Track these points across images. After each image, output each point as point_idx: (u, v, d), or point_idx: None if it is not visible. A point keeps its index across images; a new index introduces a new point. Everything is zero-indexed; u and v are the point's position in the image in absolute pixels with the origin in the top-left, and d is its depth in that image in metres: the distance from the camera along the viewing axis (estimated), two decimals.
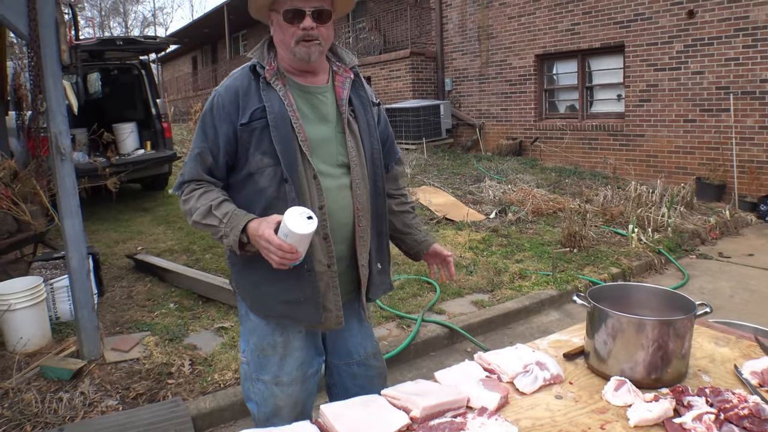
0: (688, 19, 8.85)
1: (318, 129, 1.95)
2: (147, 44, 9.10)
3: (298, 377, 2.09)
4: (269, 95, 1.89)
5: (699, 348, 2.06)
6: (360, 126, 2.01)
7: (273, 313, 2.03)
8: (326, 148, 1.95)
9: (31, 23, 3.59)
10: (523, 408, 1.75)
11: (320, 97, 1.97)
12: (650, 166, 9.65)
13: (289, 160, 1.86)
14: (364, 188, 2.00)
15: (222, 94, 1.93)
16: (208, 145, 1.93)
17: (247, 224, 1.81)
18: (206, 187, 1.95)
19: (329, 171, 1.95)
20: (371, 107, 2.07)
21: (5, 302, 4.02)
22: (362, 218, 2.00)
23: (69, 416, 3.36)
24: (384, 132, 2.19)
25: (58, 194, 3.83)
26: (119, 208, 8.89)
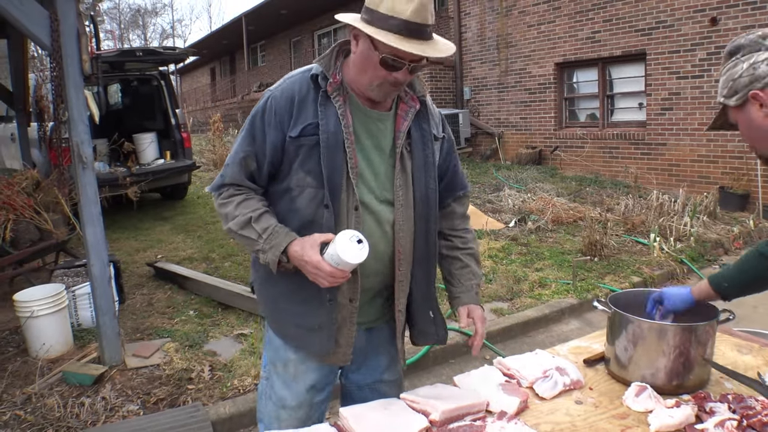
0: (711, 27, 8.77)
1: (370, 157, 1.81)
2: (166, 55, 9.21)
3: (305, 401, 1.96)
4: (327, 111, 1.75)
5: (722, 356, 2.04)
6: (415, 162, 1.85)
7: (287, 334, 1.94)
8: (374, 180, 1.82)
9: (53, 34, 3.66)
10: (543, 413, 1.75)
11: (379, 124, 1.82)
12: (672, 175, 9.56)
13: (334, 185, 1.74)
14: (409, 230, 1.86)
15: (277, 98, 1.78)
16: (254, 149, 1.80)
17: (289, 245, 1.71)
18: (247, 194, 1.83)
19: (373, 204, 1.81)
20: (432, 142, 1.89)
21: (28, 309, 4.08)
22: (403, 261, 1.87)
23: (91, 421, 3.40)
24: (444, 165, 1.99)
25: (79, 202, 3.89)
26: (139, 217, 8.99)
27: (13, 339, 4.51)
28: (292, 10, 19.37)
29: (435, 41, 1.69)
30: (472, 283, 2.01)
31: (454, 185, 2.05)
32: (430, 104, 1.93)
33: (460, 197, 2.07)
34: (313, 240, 1.68)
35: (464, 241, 2.07)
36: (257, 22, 21.47)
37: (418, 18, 1.61)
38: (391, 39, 1.60)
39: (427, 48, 1.64)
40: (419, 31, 1.62)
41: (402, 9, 1.60)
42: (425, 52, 1.62)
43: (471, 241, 2.09)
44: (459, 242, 2.06)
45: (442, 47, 1.69)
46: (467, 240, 2.08)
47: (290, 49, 23.68)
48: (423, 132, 1.87)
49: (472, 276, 2.02)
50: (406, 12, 1.59)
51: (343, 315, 1.84)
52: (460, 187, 2.07)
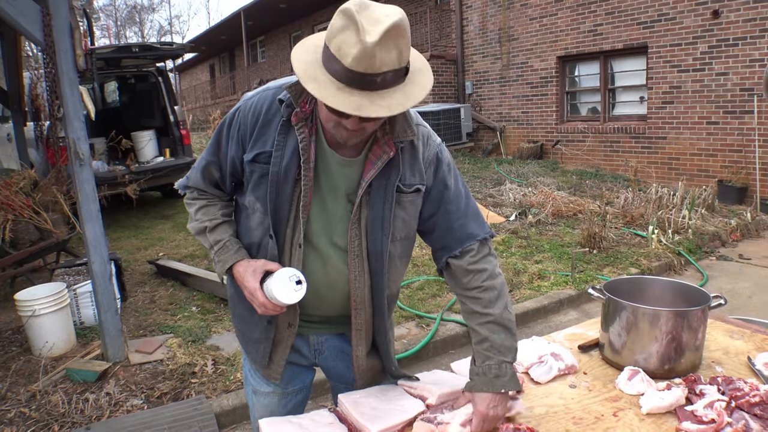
0: (713, 20, 8.78)
1: (326, 199, 1.66)
2: (163, 51, 9.15)
3: (276, 390, 1.93)
4: (287, 141, 1.61)
5: (713, 341, 2.08)
6: (370, 214, 1.65)
7: (237, 334, 1.96)
8: (328, 224, 1.68)
9: (45, 29, 3.64)
10: (538, 396, 1.80)
11: (343, 169, 1.64)
12: (672, 169, 9.59)
13: (279, 219, 1.65)
14: (364, 282, 1.70)
15: (245, 111, 1.67)
16: (218, 159, 1.74)
17: (234, 265, 1.69)
18: (208, 200, 1.81)
19: (321, 245, 1.69)
20: (392, 195, 1.64)
21: (30, 308, 4.11)
22: (360, 311, 1.74)
23: (95, 416, 3.45)
24: (432, 219, 1.74)
25: (78, 200, 3.88)
26: (140, 215, 9.03)
27: (16, 338, 4.54)
28: (291, 4, 19.32)
29: (389, 92, 1.41)
30: (488, 364, 1.64)
31: (450, 241, 1.73)
32: (419, 146, 1.68)
33: (464, 251, 1.71)
34: (257, 266, 1.64)
35: (481, 303, 1.68)
36: (256, 17, 21.42)
37: (360, 67, 1.35)
38: (323, 86, 1.40)
39: (366, 103, 1.37)
40: (362, 81, 1.37)
41: (345, 53, 1.36)
42: (360, 109, 1.36)
43: (493, 300, 1.68)
44: (475, 305, 1.70)
45: (394, 103, 1.40)
46: (484, 301, 1.68)
47: (290, 44, 23.52)
48: (387, 183, 1.63)
49: (490, 352, 1.65)
50: (347, 58, 1.35)
51: (280, 336, 1.80)
52: (458, 243, 1.72)
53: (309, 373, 2.00)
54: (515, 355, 1.68)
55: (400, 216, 1.68)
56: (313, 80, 1.40)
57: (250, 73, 25.49)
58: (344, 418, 1.70)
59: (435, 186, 1.71)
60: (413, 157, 1.67)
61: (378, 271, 1.69)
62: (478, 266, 1.70)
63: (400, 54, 1.37)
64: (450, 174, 1.73)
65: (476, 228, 1.73)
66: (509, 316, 1.69)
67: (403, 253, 1.77)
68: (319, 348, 1.89)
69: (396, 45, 1.35)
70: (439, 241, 1.75)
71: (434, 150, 1.71)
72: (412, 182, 1.66)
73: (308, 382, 2.00)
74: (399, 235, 1.71)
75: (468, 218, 1.73)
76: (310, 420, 1.68)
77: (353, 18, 1.34)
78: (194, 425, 3.29)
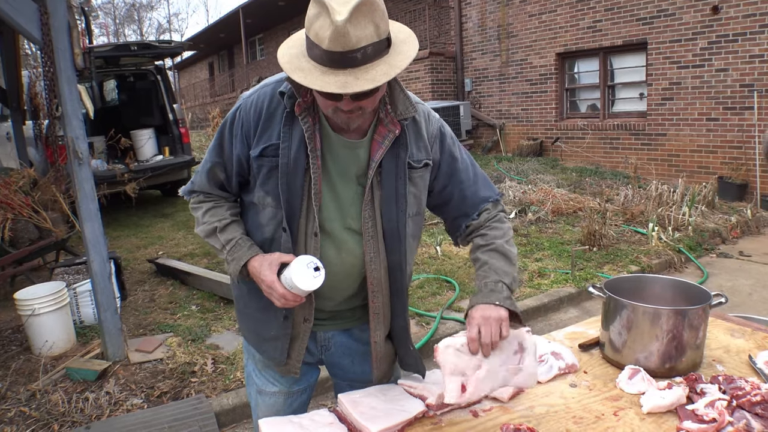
0: (713, 15, 8.76)
1: (337, 184, 1.68)
2: (162, 49, 9.14)
3: (282, 390, 1.94)
4: (292, 132, 1.63)
5: (714, 339, 2.07)
6: (383, 194, 1.67)
7: (247, 336, 1.95)
8: (339, 208, 1.70)
9: (43, 28, 3.63)
10: (538, 395, 1.79)
11: (350, 152, 1.67)
12: (672, 166, 9.58)
13: (292, 209, 1.66)
14: (381, 262, 1.72)
15: (246, 108, 1.69)
16: (222, 160, 1.75)
17: (249, 261, 1.69)
18: (215, 202, 1.81)
19: (336, 232, 1.71)
20: (405, 172, 1.68)
21: (29, 307, 4.11)
22: (377, 294, 1.75)
23: (95, 415, 3.45)
24: (445, 190, 1.81)
25: (77, 199, 3.87)
26: (139, 214, 9.03)
27: (16, 337, 4.54)
28: (290, 1, 19.22)
29: (372, 65, 1.43)
30: (485, 281, 1.70)
31: (467, 208, 1.82)
32: (421, 123, 1.73)
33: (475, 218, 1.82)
34: (272, 259, 1.64)
35: (486, 237, 1.79)
36: (255, 15, 21.38)
37: (337, 46, 1.38)
38: (308, 73, 1.43)
39: (351, 80, 1.41)
40: (343, 60, 1.40)
41: (322, 36, 1.39)
42: (346, 86, 1.40)
43: (498, 236, 1.78)
44: (480, 240, 1.80)
45: (379, 72, 1.43)
46: (489, 236, 1.79)
47: None
48: (398, 161, 1.67)
49: (488, 273, 1.72)
50: (324, 41, 1.39)
51: (297, 331, 1.80)
52: (474, 208, 1.81)
53: (314, 372, 2.00)
54: (514, 281, 1.73)
55: (412, 192, 1.72)
56: (298, 70, 1.45)
57: (249, 70, 25.47)
58: (344, 418, 1.69)
59: (443, 159, 1.78)
60: (418, 134, 1.72)
61: (395, 249, 1.73)
62: (492, 215, 1.82)
63: (376, 27, 1.41)
64: (455, 146, 1.81)
65: (487, 191, 1.84)
66: (511, 249, 1.78)
67: (415, 233, 1.80)
68: (326, 344, 1.90)
69: (371, 19, 1.39)
70: (456, 210, 1.84)
71: (437, 125, 1.77)
72: (420, 158, 1.71)
73: (313, 382, 2.01)
74: (411, 211, 1.74)
75: (478, 184, 1.83)
76: (310, 420, 1.67)
77: (324, 3, 1.38)
78: (194, 424, 3.29)
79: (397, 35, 1.52)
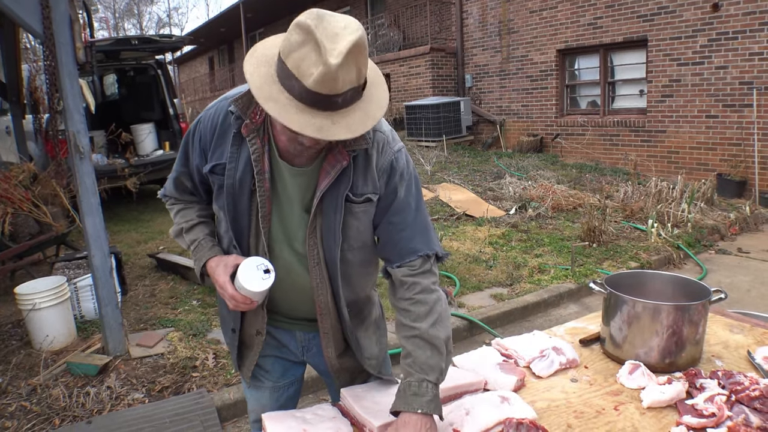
0: (713, 13, 8.77)
1: (284, 208, 1.65)
2: (162, 43, 9.12)
3: (267, 384, 1.95)
4: (240, 152, 1.60)
5: (713, 335, 2.09)
6: (324, 223, 1.62)
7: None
8: (287, 233, 1.67)
9: (45, 21, 3.62)
10: (539, 390, 1.80)
11: (298, 179, 1.61)
12: (671, 163, 9.59)
13: (240, 229, 1.67)
14: (326, 288, 1.69)
15: (204, 122, 1.68)
16: (188, 170, 1.76)
17: (207, 261, 1.70)
18: (185, 204, 1.84)
19: (285, 255, 1.68)
20: (341, 205, 1.60)
21: (30, 302, 4.12)
22: (325, 317, 1.73)
23: (96, 409, 3.45)
24: (380, 228, 1.69)
25: (78, 193, 3.87)
26: (140, 209, 9.02)
27: (16, 332, 4.54)
28: None
29: (350, 111, 1.38)
30: (408, 381, 1.56)
31: (391, 253, 1.69)
32: (372, 155, 1.61)
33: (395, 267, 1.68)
34: (228, 260, 1.64)
35: (410, 316, 1.62)
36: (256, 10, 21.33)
37: (323, 89, 1.31)
38: (283, 108, 1.35)
39: (328, 125, 1.35)
40: (323, 102, 1.34)
41: (305, 72, 1.31)
42: (322, 131, 1.34)
43: (421, 315, 1.61)
44: (404, 318, 1.64)
45: (355, 122, 1.38)
46: (413, 315, 1.62)
47: None
48: (338, 193, 1.58)
49: (412, 368, 1.58)
50: (308, 79, 1.31)
51: (249, 343, 1.83)
52: (398, 256, 1.67)
53: (300, 367, 2.00)
54: (440, 375, 1.58)
55: (354, 225, 1.64)
56: (272, 101, 1.36)
57: None
58: (347, 412, 1.70)
59: (385, 195, 1.65)
60: (366, 166, 1.61)
61: (336, 278, 1.67)
62: (414, 279, 1.64)
63: (359, 71, 1.35)
64: (402, 184, 1.66)
65: (420, 243, 1.66)
66: (438, 333, 1.59)
67: (365, 261, 1.74)
68: (306, 345, 1.89)
69: (356, 63, 1.32)
70: (382, 250, 1.71)
71: (389, 158, 1.63)
72: (363, 191, 1.61)
73: (300, 375, 2.02)
74: (355, 244, 1.68)
75: (413, 232, 1.66)
76: (313, 414, 1.69)
77: (311, 34, 1.30)
78: (196, 419, 3.30)
79: (369, 72, 1.45)
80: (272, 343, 1.88)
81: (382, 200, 1.65)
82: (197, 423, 3.25)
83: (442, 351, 1.59)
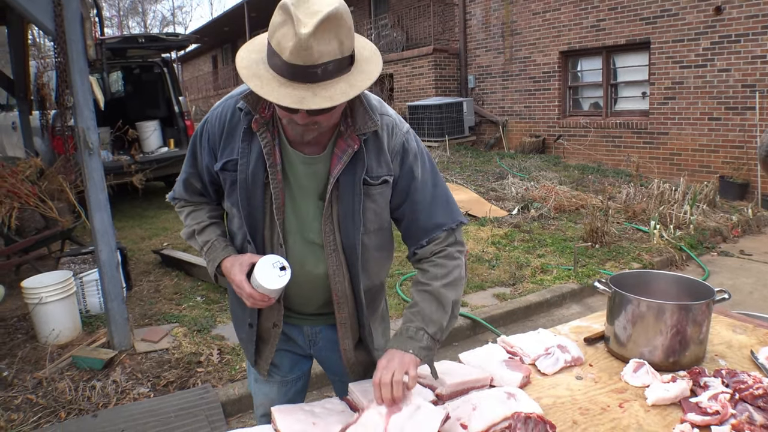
0: (715, 16, 8.78)
1: (297, 199, 1.68)
2: (169, 41, 9.21)
3: (276, 378, 1.98)
4: (251, 148, 1.63)
5: (717, 335, 2.11)
6: (341, 209, 1.65)
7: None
8: (300, 222, 1.69)
9: (56, 19, 3.68)
10: (545, 387, 1.83)
11: (309, 167, 1.65)
12: (674, 165, 9.61)
13: (254, 223, 1.69)
14: (343, 276, 1.72)
15: (212, 121, 1.71)
16: (196, 170, 1.79)
17: (222, 261, 1.72)
18: (195, 206, 1.87)
19: (298, 247, 1.71)
20: (360, 188, 1.63)
21: (36, 296, 4.15)
22: (342, 306, 1.75)
23: (102, 403, 3.49)
24: (400, 209, 1.73)
25: (86, 189, 3.91)
26: (144, 205, 9.06)
27: (22, 326, 4.58)
28: None
29: (332, 83, 1.41)
30: (407, 325, 1.65)
31: (417, 231, 1.73)
32: (383, 137, 1.65)
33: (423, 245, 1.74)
34: (243, 259, 1.67)
35: (426, 275, 1.71)
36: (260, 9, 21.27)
37: (298, 60, 1.35)
38: (266, 82, 1.41)
39: (309, 96, 1.38)
40: (302, 74, 1.37)
41: (284, 47, 1.36)
42: (303, 101, 1.37)
43: (438, 275, 1.69)
44: (420, 275, 1.74)
45: (338, 92, 1.41)
46: (429, 274, 1.71)
47: None
48: (354, 177, 1.62)
49: (415, 317, 1.66)
50: (286, 52, 1.36)
51: (266, 336, 1.86)
52: (424, 233, 1.72)
53: (307, 361, 2.03)
54: (439, 331, 1.65)
55: (371, 208, 1.68)
56: (256, 77, 1.42)
57: None
58: (355, 407, 1.73)
59: (402, 176, 1.69)
60: (378, 148, 1.65)
61: (356, 264, 1.71)
62: (439, 248, 1.72)
63: (341, 44, 1.38)
64: (417, 163, 1.71)
65: (443, 217, 1.72)
66: (448, 293, 1.67)
67: (381, 245, 1.77)
68: (313, 338, 1.92)
69: (336, 35, 1.36)
70: (407, 230, 1.76)
71: (400, 139, 1.68)
72: (379, 173, 1.65)
73: (307, 370, 2.05)
74: (372, 227, 1.71)
75: (435, 207, 1.72)
76: (322, 408, 1.71)
77: (289, 12, 1.35)
78: (200, 413, 3.33)
79: (362, 52, 1.50)
80: (281, 337, 1.91)
81: (400, 182, 1.69)
82: (202, 417, 3.28)
83: (447, 310, 1.67)
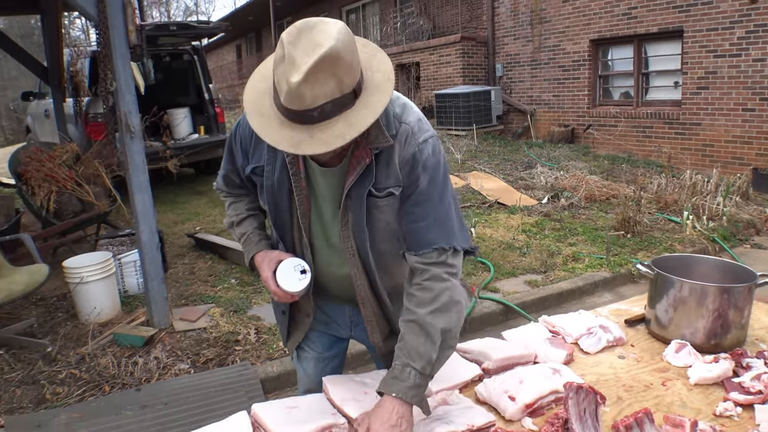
0: (751, 4, 8.62)
1: (320, 204, 1.72)
2: (200, 29, 9.28)
3: (313, 356, 2.04)
4: (276, 154, 1.67)
5: (757, 320, 2.13)
6: (353, 219, 1.65)
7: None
8: (324, 227, 1.74)
9: (99, 5, 3.76)
10: (588, 365, 1.87)
11: (327, 179, 1.67)
12: (706, 156, 9.49)
13: (282, 225, 1.76)
14: (363, 278, 1.74)
15: (243, 126, 1.75)
16: (235, 167, 1.85)
17: (254, 255, 1.83)
18: (235, 198, 1.95)
19: (324, 249, 1.78)
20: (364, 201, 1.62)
21: (78, 275, 4.28)
22: (366, 305, 1.79)
23: (145, 378, 3.61)
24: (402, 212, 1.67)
25: (127, 171, 4.02)
26: (176, 191, 9.19)
27: (62, 305, 4.71)
28: None
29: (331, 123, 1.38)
30: (394, 363, 1.58)
31: (409, 241, 1.66)
32: (395, 147, 1.60)
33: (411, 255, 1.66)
34: (272, 256, 1.75)
35: (413, 301, 1.62)
36: None
37: (292, 105, 1.35)
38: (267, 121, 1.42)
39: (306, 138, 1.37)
40: (299, 116, 1.37)
41: (281, 88, 1.37)
42: (299, 146, 1.38)
43: (424, 301, 1.60)
44: (407, 302, 1.64)
45: (333, 136, 1.38)
46: (416, 300, 1.61)
47: None
48: (362, 189, 1.60)
49: (400, 352, 1.58)
50: (282, 93, 1.36)
51: (299, 323, 1.97)
52: (415, 245, 1.64)
53: (344, 342, 2.10)
54: (428, 365, 1.54)
55: (381, 219, 1.66)
56: (259, 115, 1.43)
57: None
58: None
59: (407, 186, 1.63)
60: (389, 159, 1.60)
61: (371, 269, 1.72)
62: (425, 267, 1.62)
63: (339, 82, 1.34)
64: (425, 175, 1.62)
65: (437, 236, 1.62)
66: (435, 322, 1.57)
67: (399, 249, 1.72)
68: (355, 320, 1.96)
69: (333, 74, 1.32)
70: (407, 242, 1.68)
71: (412, 150, 1.60)
72: (386, 185, 1.61)
73: (343, 349, 2.12)
74: (385, 236, 1.70)
75: (432, 224, 1.63)
76: (372, 379, 1.77)
77: (284, 50, 1.34)
78: (240, 389, 3.42)
79: (373, 77, 1.45)
80: (321, 318, 1.97)
81: (405, 190, 1.64)
82: (242, 393, 3.38)
83: (436, 340, 1.56)
